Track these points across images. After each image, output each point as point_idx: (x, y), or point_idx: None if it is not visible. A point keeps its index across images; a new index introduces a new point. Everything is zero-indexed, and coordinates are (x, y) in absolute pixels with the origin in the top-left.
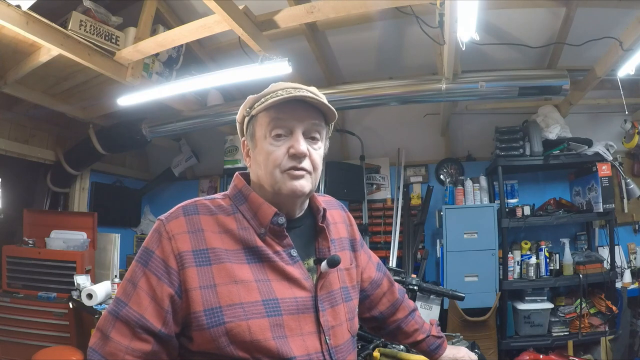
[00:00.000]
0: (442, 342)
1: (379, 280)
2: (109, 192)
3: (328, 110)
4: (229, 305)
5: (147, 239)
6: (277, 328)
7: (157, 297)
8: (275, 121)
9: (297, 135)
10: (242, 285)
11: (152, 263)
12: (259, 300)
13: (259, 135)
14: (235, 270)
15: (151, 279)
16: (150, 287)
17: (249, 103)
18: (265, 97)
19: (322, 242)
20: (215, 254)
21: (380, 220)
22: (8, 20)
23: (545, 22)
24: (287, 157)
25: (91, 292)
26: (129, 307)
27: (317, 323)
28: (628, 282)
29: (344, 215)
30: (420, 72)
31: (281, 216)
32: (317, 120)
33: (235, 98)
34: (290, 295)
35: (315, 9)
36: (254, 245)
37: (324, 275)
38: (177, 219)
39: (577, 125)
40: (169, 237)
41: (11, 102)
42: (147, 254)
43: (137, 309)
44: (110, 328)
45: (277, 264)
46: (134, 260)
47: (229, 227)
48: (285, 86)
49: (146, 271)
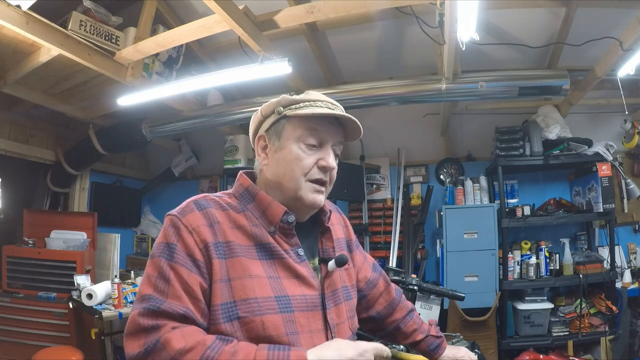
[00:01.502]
0: (441, 342)
1: (375, 280)
2: (109, 192)
3: (355, 132)
4: (243, 300)
5: (164, 235)
6: (290, 324)
7: (191, 290)
8: (312, 131)
9: (328, 149)
10: (256, 280)
11: (177, 256)
12: (272, 296)
13: (289, 137)
14: (249, 265)
15: (182, 272)
16: (183, 280)
17: (285, 102)
18: (304, 103)
19: (326, 242)
20: (230, 248)
21: (380, 220)
22: (8, 20)
23: (545, 22)
24: (316, 168)
25: (91, 292)
26: (168, 302)
27: (325, 320)
28: (628, 282)
29: (340, 217)
30: (420, 72)
31: (291, 215)
32: (342, 140)
33: (235, 98)
34: (300, 293)
35: (315, 9)
36: (266, 242)
37: (330, 274)
38: (192, 212)
39: (577, 125)
40: (189, 230)
41: (11, 102)
42: (169, 248)
43: (180, 303)
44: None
45: (287, 262)
46: (155, 257)
47: (241, 223)
48: (323, 98)
49: (173, 265)
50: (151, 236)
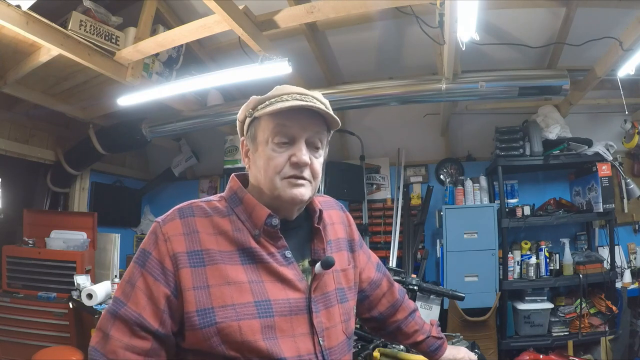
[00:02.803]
0: (442, 342)
1: (378, 281)
2: (109, 192)
3: (332, 119)
4: (221, 307)
5: (145, 241)
6: (268, 329)
7: (153, 297)
8: (279, 127)
9: (300, 144)
10: (235, 287)
11: (148, 264)
12: (251, 301)
13: (260, 139)
14: (228, 271)
15: (148, 279)
16: (147, 287)
17: (252, 104)
18: (270, 100)
19: (317, 244)
20: (209, 256)
21: (380, 220)
22: (8, 20)
23: (545, 22)
24: (289, 165)
25: (91, 292)
26: (127, 306)
27: (311, 324)
28: (628, 282)
29: (342, 216)
30: (420, 72)
31: (274, 217)
32: (320, 129)
33: (235, 98)
34: (284, 297)
35: (315, 9)
36: (248, 247)
37: (318, 276)
38: (172, 221)
39: (577, 125)
40: (165, 239)
41: (11, 102)
42: (144, 255)
43: (135, 308)
44: (109, 327)
45: (270, 265)
46: (132, 262)
47: (224, 228)
48: (290, 91)
49: (143, 272)
50: None
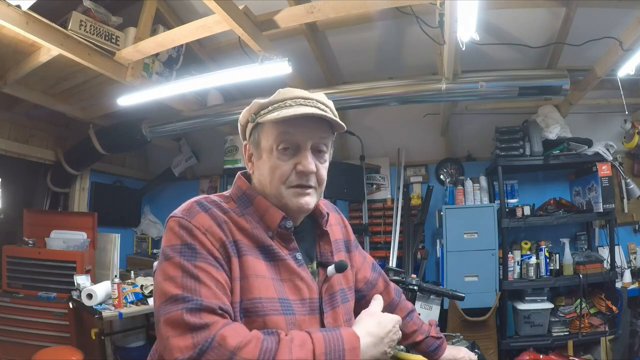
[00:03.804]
0: (441, 342)
1: (374, 281)
2: (109, 192)
3: (337, 124)
4: (249, 299)
5: (176, 236)
6: (292, 327)
7: (221, 286)
8: (283, 135)
9: (306, 152)
10: (261, 280)
11: (200, 255)
12: (276, 297)
13: (264, 146)
14: (255, 264)
15: (209, 269)
16: (213, 277)
17: (255, 108)
18: (273, 105)
19: (324, 246)
20: (239, 247)
21: (380, 220)
22: (8, 20)
23: (545, 22)
24: (295, 174)
25: (91, 292)
26: (206, 300)
27: (322, 324)
28: (628, 282)
29: (338, 218)
30: (420, 72)
31: (289, 220)
32: (326, 134)
33: (236, 98)
34: (299, 297)
35: (315, 9)
36: (267, 244)
37: (328, 278)
38: (198, 214)
39: (577, 125)
40: (203, 231)
41: (11, 102)
42: (189, 248)
43: (216, 299)
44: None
45: (289, 264)
46: (173, 259)
47: (242, 225)
48: (293, 95)
49: (198, 264)
50: (151, 236)
